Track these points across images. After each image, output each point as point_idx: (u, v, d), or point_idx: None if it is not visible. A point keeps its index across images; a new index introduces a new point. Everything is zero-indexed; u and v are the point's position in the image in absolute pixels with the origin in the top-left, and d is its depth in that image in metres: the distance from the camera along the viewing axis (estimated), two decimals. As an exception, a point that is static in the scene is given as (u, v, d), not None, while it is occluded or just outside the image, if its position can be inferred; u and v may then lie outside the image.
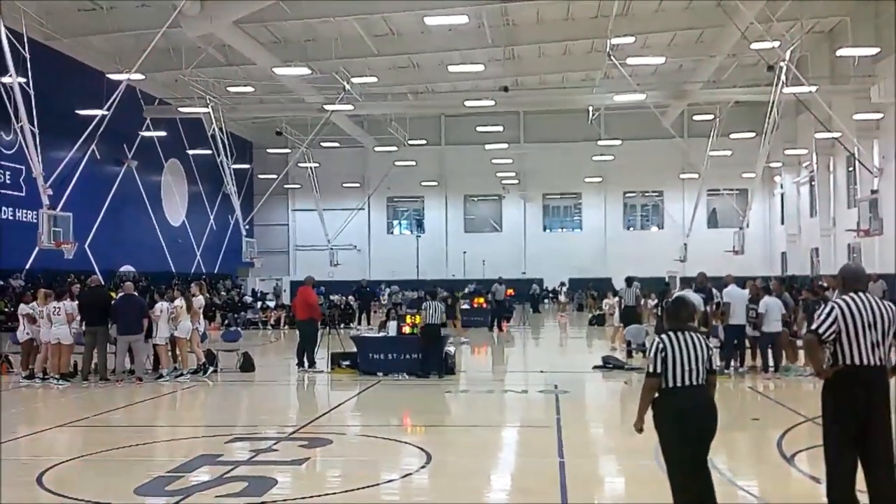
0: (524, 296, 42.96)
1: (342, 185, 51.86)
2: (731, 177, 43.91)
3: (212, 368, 16.65)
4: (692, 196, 46.40)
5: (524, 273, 49.87)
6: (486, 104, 37.67)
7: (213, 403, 14.45)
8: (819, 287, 19.07)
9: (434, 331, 16.01)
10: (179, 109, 37.92)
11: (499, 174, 51.25)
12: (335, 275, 46.66)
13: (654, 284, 30.62)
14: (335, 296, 36.36)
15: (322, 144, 45.48)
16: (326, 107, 36.82)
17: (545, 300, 48.94)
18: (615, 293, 25.21)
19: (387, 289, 46.67)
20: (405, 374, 15.95)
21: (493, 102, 37.40)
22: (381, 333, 17.62)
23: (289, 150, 46.75)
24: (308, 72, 32.43)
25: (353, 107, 37.29)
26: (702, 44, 35.90)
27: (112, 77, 28.56)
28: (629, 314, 19.89)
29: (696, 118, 43.21)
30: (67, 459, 9.14)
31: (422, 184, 52.08)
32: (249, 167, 51.06)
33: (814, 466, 7.82)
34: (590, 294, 44.69)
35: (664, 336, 5.86)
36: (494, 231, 53.99)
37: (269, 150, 48.97)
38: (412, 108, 44.50)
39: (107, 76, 29.48)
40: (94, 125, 25.96)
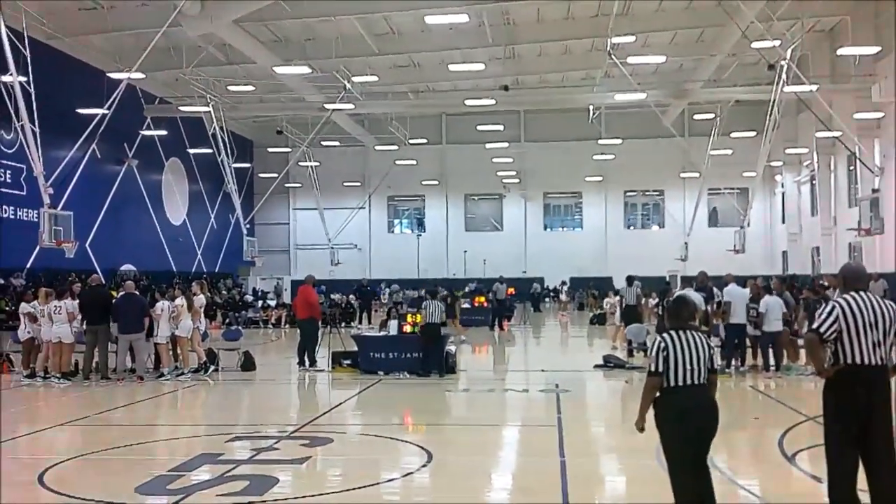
0: (525, 295, 42.96)
1: (343, 184, 51.86)
2: (732, 176, 43.90)
3: (213, 367, 16.67)
4: (693, 195, 46.38)
5: (525, 272, 49.84)
6: (487, 103, 37.66)
7: (214, 402, 14.46)
8: (820, 286, 19.05)
9: (434, 330, 16.02)
10: (180, 108, 37.93)
11: (499, 173, 51.23)
12: (336, 274, 46.67)
13: (655, 283, 30.58)
14: (336, 295, 36.40)
15: (323, 143, 45.52)
16: (327, 106, 36.83)
17: (546, 299, 48.93)
18: (616, 292, 25.20)
19: (387, 288, 46.67)
20: (406, 373, 15.95)
21: (494, 101, 37.38)
22: (382, 332, 17.62)
23: (289, 149, 46.76)
24: (308, 71, 32.44)
25: (354, 106, 37.29)
26: (702, 43, 35.89)
27: (112, 76, 28.59)
28: (630, 313, 19.90)
29: (697, 117, 43.22)
30: (68, 458, 9.14)
31: (422, 183, 52.08)
32: (250, 166, 51.07)
33: (815, 466, 7.82)
34: (591, 293, 44.68)
35: (666, 335, 5.86)
36: (495, 230, 53.97)
37: (270, 149, 48.96)
38: (413, 107, 44.51)
39: (107, 75, 29.51)
40: (95, 124, 25.96)
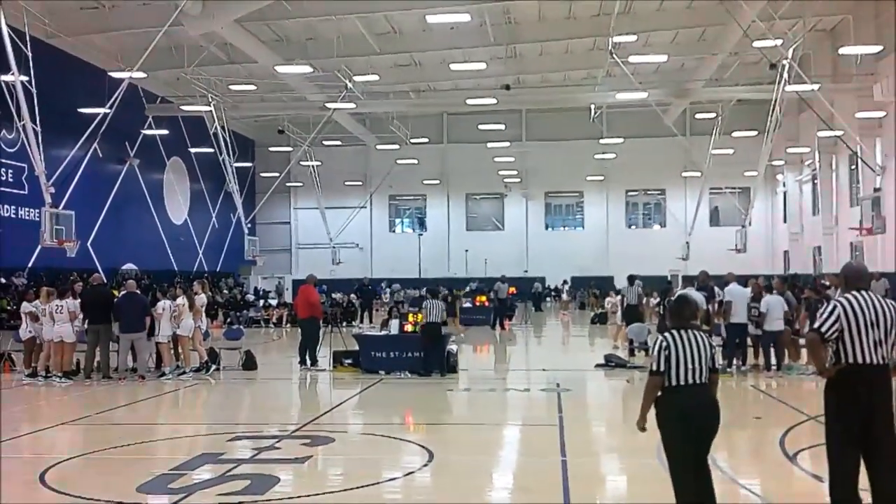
0: (526, 294, 42.96)
1: (344, 184, 51.86)
2: (734, 175, 43.85)
3: (214, 366, 16.68)
4: (694, 194, 46.35)
5: (526, 271, 49.84)
6: (488, 102, 37.65)
7: (216, 401, 14.46)
8: (821, 285, 19.05)
9: (435, 329, 16.01)
10: (181, 108, 37.95)
11: (501, 172, 51.21)
12: (337, 273, 46.68)
13: (657, 283, 30.56)
14: (337, 294, 36.38)
15: (324, 143, 45.55)
16: (328, 105, 36.82)
17: (547, 299, 48.93)
18: (617, 292, 25.18)
19: (387, 288, 46.66)
20: (407, 373, 15.94)
21: (495, 101, 37.37)
22: (383, 332, 17.62)
23: (291, 149, 46.79)
24: (310, 70, 32.46)
25: (355, 105, 37.29)
26: (704, 42, 35.87)
27: (114, 75, 28.62)
28: (631, 313, 19.89)
29: (699, 116, 43.18)
30: (70, 457, 9.15)
31: (424, 182, 52.07)
32: (251, 165, 51.10)
33: (816, 465, 7.81)
34: (592, 292, 44.66)
35: (668, 334, 5.85)
36: (496, 229, 53.95)
37: (271, 149, 48.97)
38: (414, 107, 44.52)
39: (109, 74, 29.54)
40: (97, 123, 25.99)
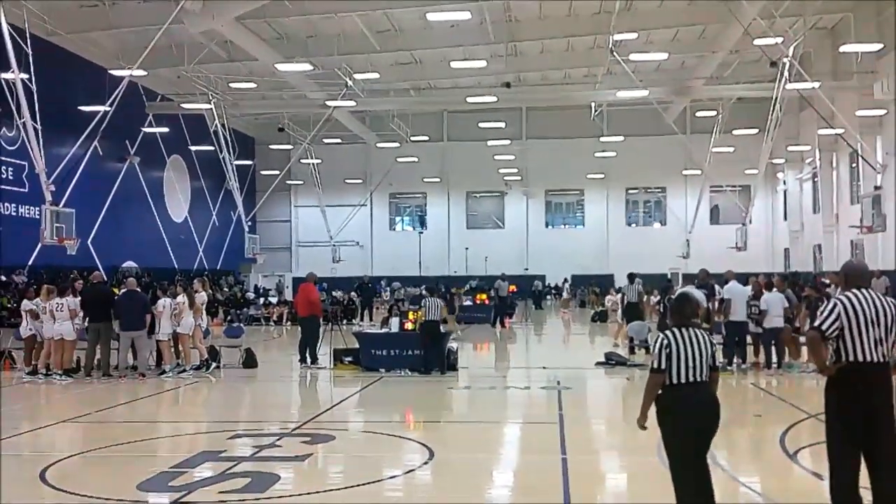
0: (526, 292, 42.95)
1: (344, 182, 51.85)
2: (734, 173, 43.81)
3: (214, 364, 16.68)
4: (695, 192, 46.39)
5: (527, 269, 49.84)
6: (489, 100, 37.64)
7: (216, 399, 14.47)
8: (822, 284, 19.05)
9: (434, 327, 16.00)
10: (182, 106, 37.95)
11: (501, 170, 51.16)
12: (337, 271, 46.67)
13: (657, 281, 30.54)
14: (337, 292, 36.36)
15: (324, 141, 45.56)
16: (329, 103, 36.81)
17: (548, 297, 48.92)
18: (618, 290, 25.22)
19: (387, 287, 46.65)
20: (407, 371, 15.94)
21: (496, 99, 37.36)
22: (384, 330, 17.61)
23: (291, 147, 46.78)
24: (310, 68, 32.46)
25: (356, 103, 37.28)
26: (704, 40, 35.84)
27: (114, 73, 28.61)
28: (632, 311, 19.89)
29: (699, 114, 43.19)
30: (70, 455, 9.15)
31: (424, 180, 52.06)
32: (252, 163, 51.08)
33: (816, 463, 7.81)
34: (592, 290, 44.66)
35: (668, 332, 5.85)
36: (497, 227, 53.93)
37: (272, 147, 48.94)
38: (414, 105, 44.51)
39: (109, 72, 29.54)
40: (97, 121, 25.98)
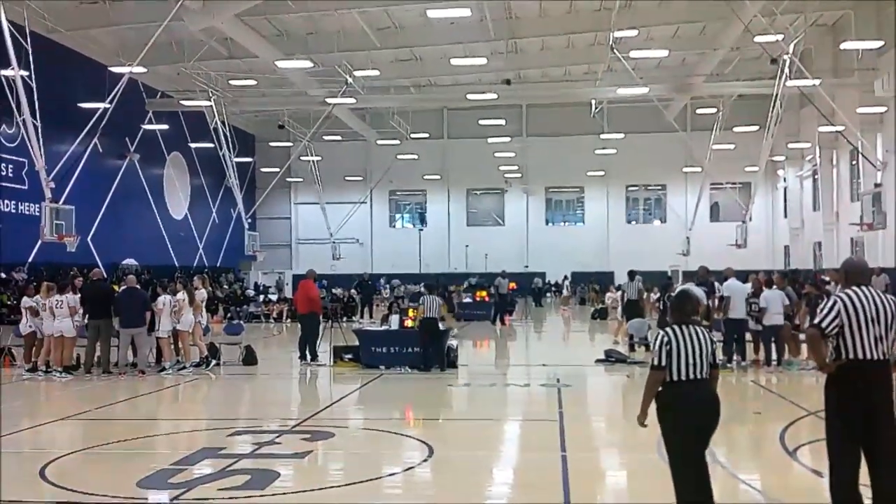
0: (526, 290, 42.95)
1: (344, 179, 51.82)
2: (734, 170, 43.81)
3: (214, 362, 16.69)
4: (695, 190, 46.36)
5: (527, 267, 49.83)
6: (489, 97, 37.60)
7: (216, 396, 14.48)
8: (821, 281, 19.05)
9: (432, 324, 16.00)
10: (182, 103, 37.90)
11: (501, 168, 51.14)
12: (337, 268, 46.66)
13: (657, 278, 30.51)
14: (337, 289, 36.35)
15: (324, 138, 45.49)
16: (329, 100, 36.76)
17: (548, 294, 48.92)
18: (617, 287, 25.20)
19: (387, 284, 46.67)
20: (407, 368, 15.93)
21: (496, 96, 37.32)
22: (384, 327, 17.63)
23: (291, 144, 46.72)
24: (310, 65, 32.42)
25: (356, 100, 37.23)
26: (705, 37, 35.79)
27: (114, 70, 28.55)
28: (632, 308, 19.87)
29: (700, 112, 43.15)
30: (70, 452, 9.15)
31: (424, 177, 52.02)
32: (252, 160, 51.06)
33: (816, 460, 7.81)
34: (592, 288, 44.67)
35: (669, 329, 5.85)
36: (497, 225, 53.92)
37: (272, 144, 48.91)
38: (414, 102, 44.47)
39: (109, 69, 29.48)
40: (97, 118, 25.95)
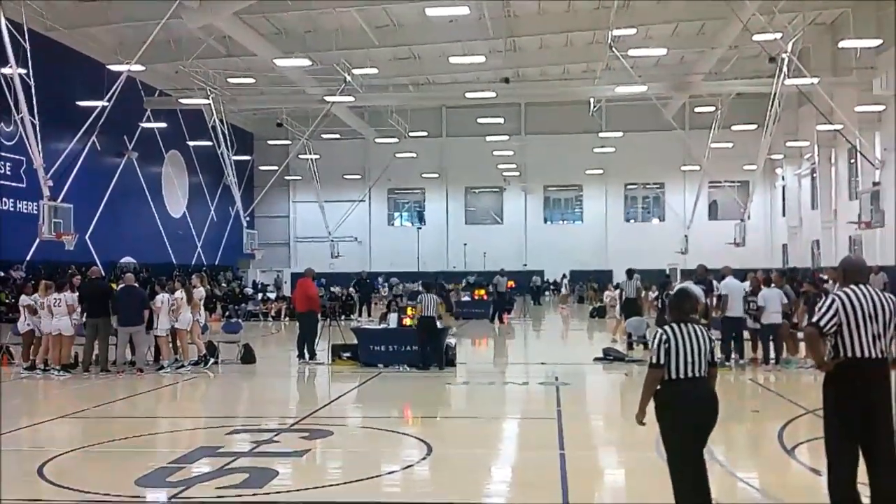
0: (525, 288, 42.96)
1: (343, 177, 51.80)
2: (733, 169, 43.79)
3: (212, 360, 16.69)
4: (693, 188, 46.41)
5: (525, 265, 49.83)
6: (487, 96, 37.57)
7: (214, 395, 14.48)
8: (820, 279, 19.06)
9: (429, 323, 16.01)
10: (180, 101, 37.85)
11: (500, 166, 51.13)
12: (336, 267, 46.65)
13: (655, 277, 30.52)
14: (336, 287, 36.35)
15: (323, 136, 45.47)
16: (327, 98, 36.73)
17: (546, 292, 48.92)
18: (616, 285, 25.19)
19: (385, 282, 46.66)
20: (406, 366, 15.94)
21: (494, 94, 37.29)
22: (382, 325, 17.63)
23: (289, 142, 46.68)
24: (309, 63, 32.38)
25: (354, 98, 37.22)
26: (703, 35, 35.80)
27: (112, 68, 28.54)
28: (630, 306, 19.91)
29: (698, 110, 43.19)
30: (68, 451, 9.15)
31: (422, 175, 52.00)
32: (250, 159, 51.02)
33: (814, 459, 7.82)
34: (591, 286, 44.69)
35: (667, 327, 5.85)
36: (495, 223, 53.91)
37: (270, 142, 48.89)
38: (413, 100, 44.43)
39: (107, 67, 29.46)
40: (95, 116, 25.93)
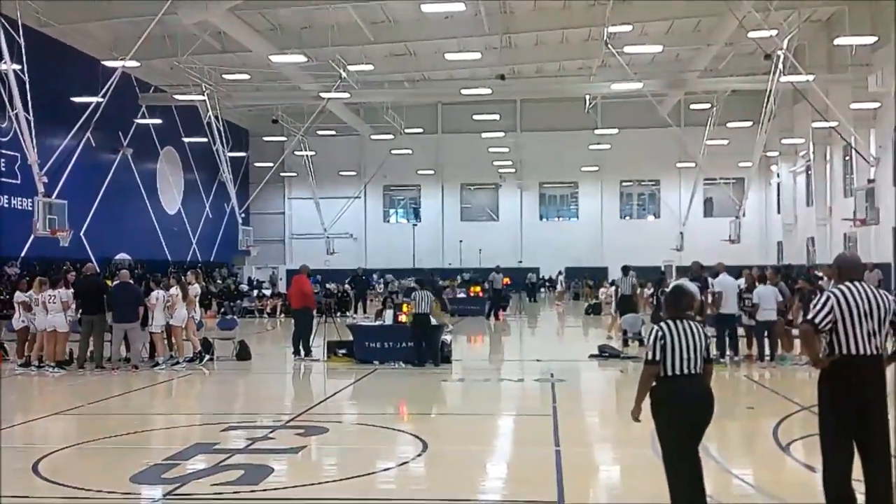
0: (521, 285, 42.99)
1: (338, 174, 51.75)
2: (728, 166, 43.84)
3: (208, 357, 16.65)
4: (689, 185, 46.46)
5: (521, 262, 49.85)
6: (483, 92, 37.55)
7: (209, 392, 14.47)
8: (815, 276, 19.09)
9: (424, 320, 16.00)
10: (175, 97, 37.73)
11: (495, 163, 51.12)
12: (331, 263, 46.62)
13: (651, 273, 30.64)
14: (331, 284, 36.33)
15: (318, 132, 45.35)
16: (323, 95, 36.68)
17: (542, 289, 48.96)
18: (611, 282, 25.25)
19: (381, 279, 46.65)
20: (401, 363, 15.94)
21: (490, 91, 37.27)
22: (377, 322, 17.62)
23: (285, 138, 46.62)
24: (304, 59, 32.31)
25: (350, 95, 37.13)
26: (699, 32, 35.81)
27: (107, 64, 28.50)
28: (625, 303, 19.92)
29: (693, 107, 43.21)
30: (63, 447, 9.12)
31: (418, 172, 51.93)
32: (245, 155, 50.92)
33: (809, 455, 7.82)
34: (586, 283, 44.76)
35: (663, 324, 5.86)
36: (491, 220, 53.88)
37: (266, 138, 48.74)
38: (409, 97, 44.40)
39: (102, 63, 29.42)
40: (90, 112, 25.88)
